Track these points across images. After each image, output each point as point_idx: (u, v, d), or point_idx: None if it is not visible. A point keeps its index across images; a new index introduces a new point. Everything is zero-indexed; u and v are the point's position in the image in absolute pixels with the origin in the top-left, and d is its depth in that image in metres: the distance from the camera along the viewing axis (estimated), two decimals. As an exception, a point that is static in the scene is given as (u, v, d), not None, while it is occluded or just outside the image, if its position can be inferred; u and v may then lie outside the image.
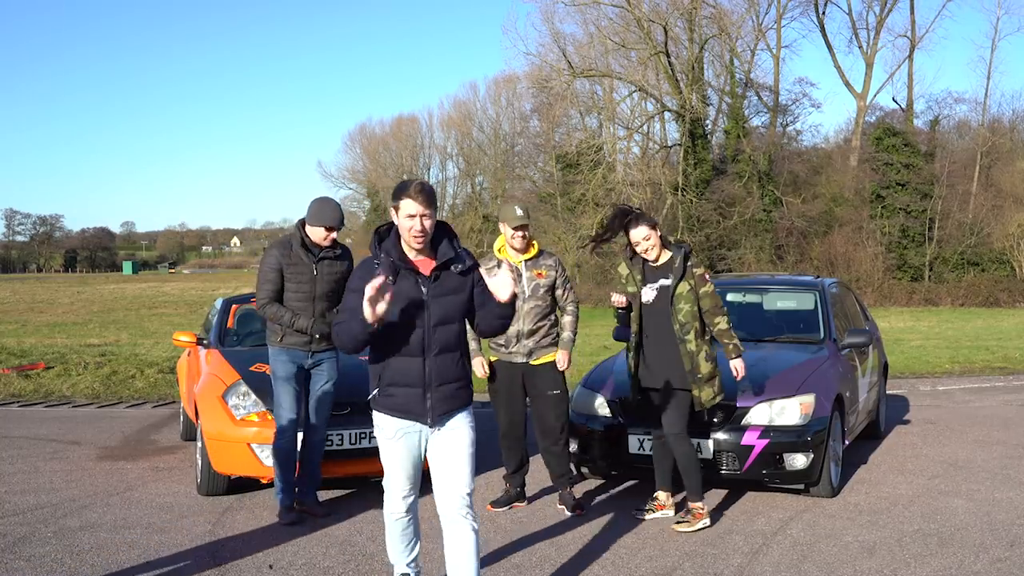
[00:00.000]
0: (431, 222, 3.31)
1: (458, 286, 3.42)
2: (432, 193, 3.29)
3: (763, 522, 5.26)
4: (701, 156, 34.24)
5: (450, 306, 3.38)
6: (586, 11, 34.32)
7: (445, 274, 3.40)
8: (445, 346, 3.38)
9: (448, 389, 3.41)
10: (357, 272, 3.40)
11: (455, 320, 3.42)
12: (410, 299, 3.32)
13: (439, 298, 3.36)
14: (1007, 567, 4.42)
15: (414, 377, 3.37)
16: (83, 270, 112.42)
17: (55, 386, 10.97)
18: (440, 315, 3.36)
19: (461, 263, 3.43)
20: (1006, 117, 39.30)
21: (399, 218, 3.32)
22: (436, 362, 3.37)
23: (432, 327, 3.35)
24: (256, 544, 4.84)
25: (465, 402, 3.50)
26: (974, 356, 14.51)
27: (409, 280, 3.34)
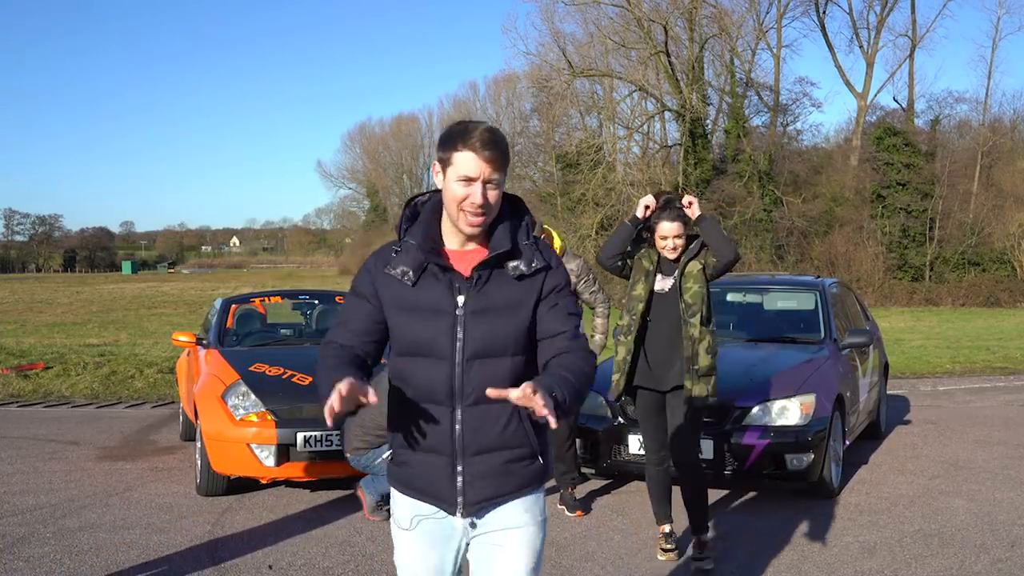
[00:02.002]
0: (498, 193, 2.12)
1: (514, 298, 2.15)
2: (506, 147, 2.11)
3: (764, 523, 5.25)
4: (701, 156, 34.23)
5: (498, 328, 2.13)
6: (586, 10, 34.33)
7: (495, 276, 2.15)
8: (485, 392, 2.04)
9: (492, 461, 2.15)
10: (365, 265, 2.25)
11: (505, 352, 2.14)
12: (436, 312, 2.14)
13: (480, 315, 2.12)
14: (1008, 567, 4.41)
15: (437, 437, 2.16)
16: (82, 270, 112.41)
17: (54, 386, 10.97)
18: (479, 342, 2.12)
19: (523, 261, 2.16)
20: (1007, 117, 39.27)
21: (446, 181, 2.10)
22: (471, 416, 2.13)
23: (465, 360, 2.12)
24: (255, 544, 4.83)
25: (524, 484, 2.20)
26: (975, 356, 14.50)
27: (437, 282, 2.15)
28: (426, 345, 2.15)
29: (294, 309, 8.69)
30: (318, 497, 5.86)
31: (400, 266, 2.17)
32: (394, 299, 2.18)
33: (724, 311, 7.74)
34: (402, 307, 2.17)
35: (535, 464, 2.22)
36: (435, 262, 2.15)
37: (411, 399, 2.18)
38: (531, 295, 2.17)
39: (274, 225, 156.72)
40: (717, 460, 5.47)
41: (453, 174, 2.09)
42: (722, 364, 5.94)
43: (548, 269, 2.19)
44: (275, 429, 5.55)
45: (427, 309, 2.15)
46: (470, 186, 2.08)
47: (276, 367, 6.12)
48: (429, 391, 2.15)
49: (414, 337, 2.16)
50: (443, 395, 2.14)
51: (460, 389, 2.14)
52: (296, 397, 5.77)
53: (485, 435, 2.16)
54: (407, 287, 2.16)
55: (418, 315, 2.15)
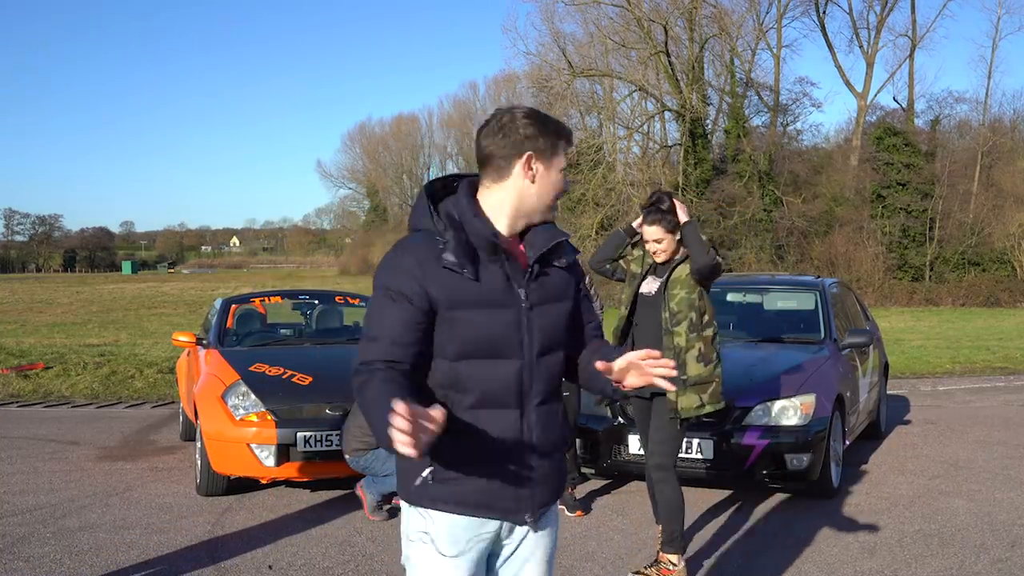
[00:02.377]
0: None
1: (562, 288, 2.12)
2: None
3: (764, 523, 5.25)
4: (701, 156, 34.23)
5: (557, 321, 2.08)
6: (586, 10, 34.33)
7: (546, 266, 2.08)
8: (550, 389, 2.07)
9: (552, 462, 2.11)
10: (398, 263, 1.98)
11: (561, 345, 2.12)
12: (501, 308, 1.99)
13: (541, 307, 2.04)
14: (1008, 568, 4.41)
15: (504, 444, 2.00)
16: (82, 270, 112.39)
17: (54, 386, 10.96)
18: (545, 336, 2.04)
19: (568, 253, 2.15)
20: (1007, 117, 39.27)
21: (549, 172, 2.05)
22: (540, 417, 2.04)
23: (536, 357, 2.03)
24: (255, 544, 4.83)
25: (563, 485, 2.20)
26: (975, 356, 14.50)
27: (495, 274, 1.99)
28: (494, 344, 1.98)
29: (294, 309, 8.69)
30: (318, 497, 5.86)
31: (456, 258, 1.96)
32: (453, 295, 1.95)
33: (724, 311, 7.74)
34: (463, 303, 1.96)
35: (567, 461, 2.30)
36: (501, 251, 2.00)
37: (469, 407, 1.99)
38: (572, 284, 2.14)
39: (274, 225, 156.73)
40: (717, 460, 5.47)
41: (558, 166, 2.05)
42: (723, 364, 5.95)
43: (577, 261, 2.21)
44: (275, 429, 5.55)
45: (491, 305, 1.98)
46: (562, 177, 2.08)
47: (276, 367, 6.11)
48: (496, 395, 2.00)
49: (481, 336, 1.97)
50: (512, 397, 2.01)
51: (529, 388, 2.03)
52: (296, 397, 5.76)
53: (549, 435, 2.08)
54: (468, 281, 1.96)
55: (483, 311, 1.97)
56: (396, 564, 4.46)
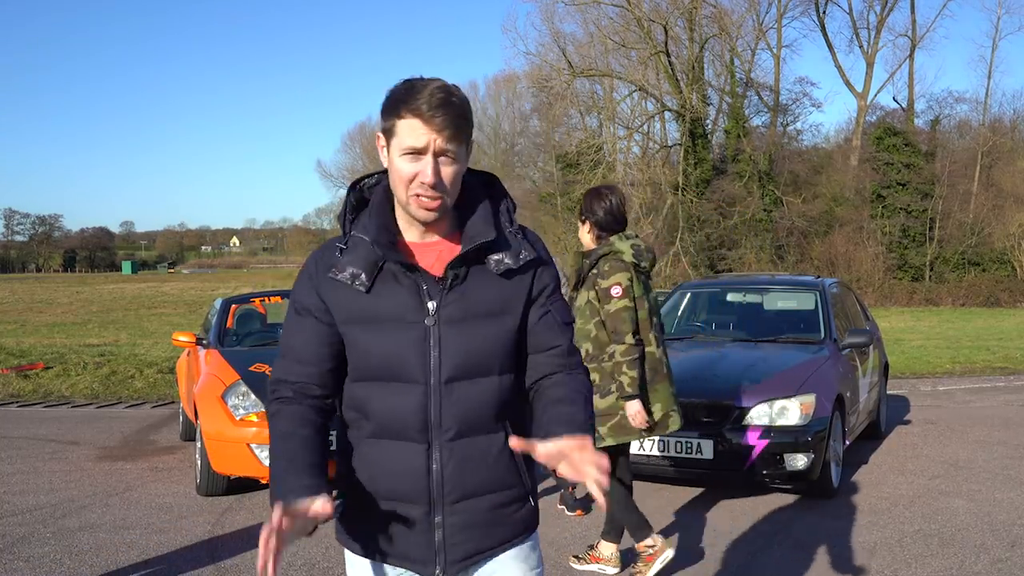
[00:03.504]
0: (457, 168, 1.70)
1: (499, 300, 1.76)
2: (464, 109, 1.69)
3: (764, 523, 5.25)
4: (701, 156, 34.24)
5: (481, 340, 1.73)
6: (586, 10, 34.34)
7: (474, 273, 1.75)
8: (470, 421, 1.74)
9: (477, 508, 1.76)
10: (304, 269, 1.79)
11: (491, 369, 1.75)
12: (401, 323, 1.71)
13: (459, 324, 1.72)
14: (1008, 568, 4.41)
15: (407, 483, 1.74)
16: (82, 270, 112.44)
17: (54, 386, 10.97)
18: (459, 358, 1.72)
19: (509, 252, 1.76)
20: (1007, 117, 39.29)
21: (390, 156, 1.70)
22: (453, 453, 1.74)
23: (443, 382, 1.72)
24: (255, 544, 4.82)
25: (516, 532, 1.83)
26: (975, 356, 14.50)
27: (399, 286, 1.73)
28: (390, 366, 1.71)
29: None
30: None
31: (349, 267, 1.72)
32: (345, 310, 1.72)
33: (724, 311, 7.76)
34: (356, 320, 1.72)
35: (526, 507, 1.83)
36: (394, 259, 1.70)
37: (369, 436, 1.76)
38: (520, 296, 1.77)
39: (274, 225, 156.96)
40: (717, 460, 5.47)
41: (397, 147, 1.67)
42: (723, 364, 5.95)
43: (539, 263, 1.79)
44: (275, 429, 5.54)
45: (388, 320, 1.71)
46: (418, 161, 1.66)
47: (276, 367, 6.11)
48: (396, 425, 1.72)
49: (374, 357, 1.71)
50: (415, 429, 1.72)
51: (437, 420, 1.71)
52: (296, 397, 5.76)
53: (469, 476, 1.74)
54: (359, 294, 1.71)
55: (377, 329, 1.71)
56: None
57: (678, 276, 30.48)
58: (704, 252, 33.09)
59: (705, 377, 5.80)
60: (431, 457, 1.73)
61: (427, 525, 1.75)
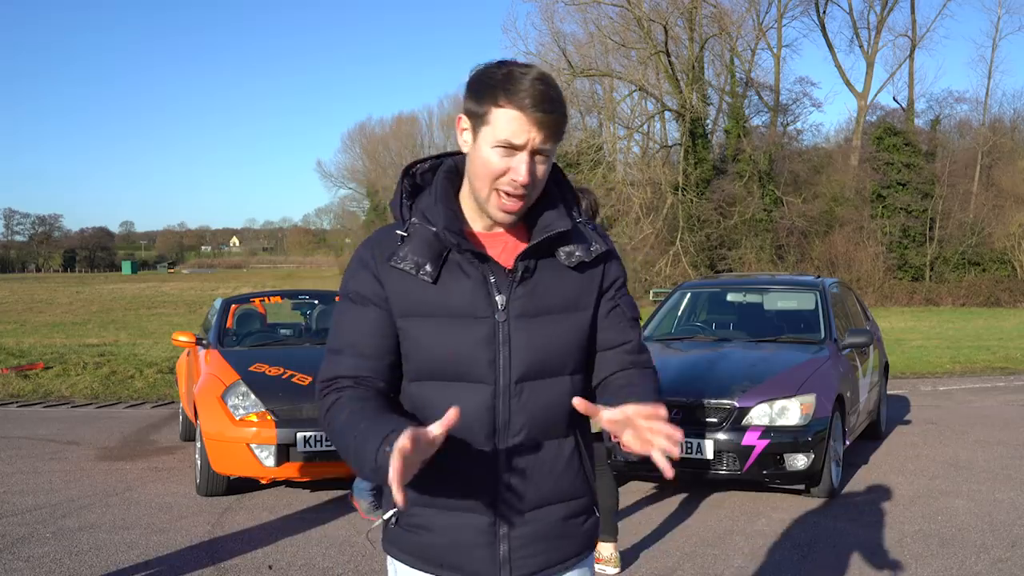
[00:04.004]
0: (547, 167, 1.58)
1: (572, 295, 1.64)
2: (563, 104, 1.55)
3: (764, 523, 5.24)
4: (701, 155, 34.24)
5: (554, 338, 1.62)
6: (586, 10, 34.34)
7: (544, 266, 1.63)
8: (540, 424, 1.60)
9: (546, 519, 1.64)
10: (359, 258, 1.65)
11: (563, 369, 1.63)
12: (468, 318, 1.59)
13: (530, 320, 1.60)
14: (1008, 568, 4.41)
15: (471, 491, 1.60)
16: (82, 270, 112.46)
17: (54, 386, 10.96)
18: (531, 357, 1.60)
19: (580, 245, 1.65)
20: (1007, 116, 39.37)
21: (477, 145, 1.56)
22: (521, 458, 1.61)
23: (513, 382, 1.59)
24: (255, 544, 4.83)
25: (582, 547, 1.70)
26: (975, 356, 14.50)
27: (466, 277, 1.59)
28: (455, 365, 1.57)
29: (294, 309, 8.69)
30: (318, 497, 5.86)
31: (413, 256, 1.58)
32: (406, 302, 1.59)
33: (724, 311, 7.75)
34: (418, 313, 1.58)
35: (592, 519, 1.71)
36: (466, 248, 1.57)
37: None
38: (592, 290, 1.65)
39: (274, 225, 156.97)
40: (717, 460, 5.46)
41: (490, 137, 1.52)
42: (723, 364, 5.95)
43: (609, 256, 1.69)
44: (275, 429, 5.55)
45: (455, 315, 1.57)
46: (512, 157, 1.52)
47: (276, 367, 6.11)
48: (460, 429, 1.51)
49: (437, 354, 1.58)
50: (481, 432, 1.57)
51: (505, 423, 1.58)
52: (296, 397, 5.76)
53: (538, 484, 1.61)
54: (425, 285, 1.58)
55: (442, 323, 1.58)
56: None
57: (678, 276, 30.48)
58: (704, 252, 33.09)
59: (705, 377, 5.80)
60: (498, 463, 1.59)
61: (491, 537, 1.60)
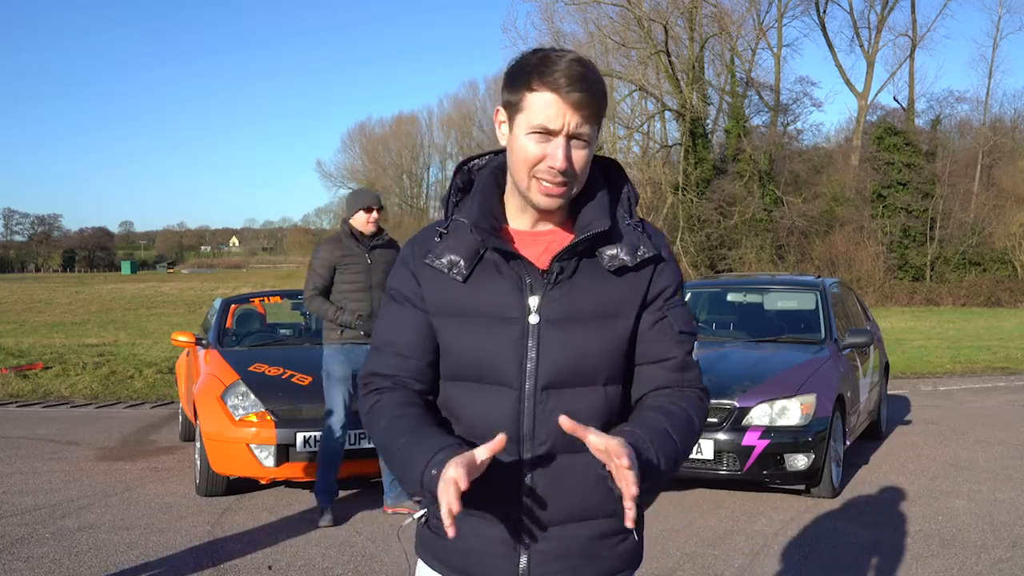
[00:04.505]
0: (587, 152, 1.51)
1: (611, 301, 1.55)
2: (600, 85, 1.49)
3: (764, 523, 5.24)
4: (701, 155, 34.24)
5: (587, 344, 1.53)
6: (586, 10, 34.36)
7: (584, 269, 1.54)
8: (568, 436, 1.42)
9: (571, 537, 1.55)
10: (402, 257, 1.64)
11: (595, 378, 1.54)
12: (499, 319, 1.53)
13: (562, 324, 1.52)
14: (1009, 568, 4.40)
15: (495, 497, 1.52)
16: (81, 270, 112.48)
17: (53, 386, 10.95)
18: (560, 363, 1.52)
19: (625, 247, 1.55)
20: (1008, 116, 39.40)
21: (513, 134, 1.51)
22: (547, 469, 1.53)
23: (539, 388, 1.52)
24: (255, 545, 4.82)
25: (615, 569, 1.60)
26: (975, 356, 14.49)
27: (500, 277, 1.54)
28: (482, 366, 1.53)
29: (293, 309, 8.68)
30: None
31: (447, 254, 1.55)
32: (438, 301, 1.56)
33: (724, 311, 7.75)
34: (449, 312, 1.55)
35: (628, 541, 1.60)
36: (496, 247, 1.51)
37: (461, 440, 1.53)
38: (635, 298, 1.55)
39: (273, 225, 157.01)
40: (717, 460, 5.46)
41: (524, 123, 1.47)
42: (723, 364, 5.95)
43: (659, 261, 1.57)
44: (275, 429, 5.54)
45: (484, 315, 1.53)
46: (548, 142, 1.47)
47: (276, 367, 6.11)
48: (485, 432, 1.48)
49: (466, 355, 1.54)
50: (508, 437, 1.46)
51: (530, 431, 1.51)
52: (296, 397, 5.75)
53: (564, 497, 1.53)
54: (455, 283, 1.54)
55: (472, 323, 1.53)
56: (396, 564, 4.45)
57: (678, 276, 30.42)
58: (704, 252, 33.09)
59: (705, 377, 5.78)
60: (521, 472, 1.52)
61: (511, 548, 1.54)
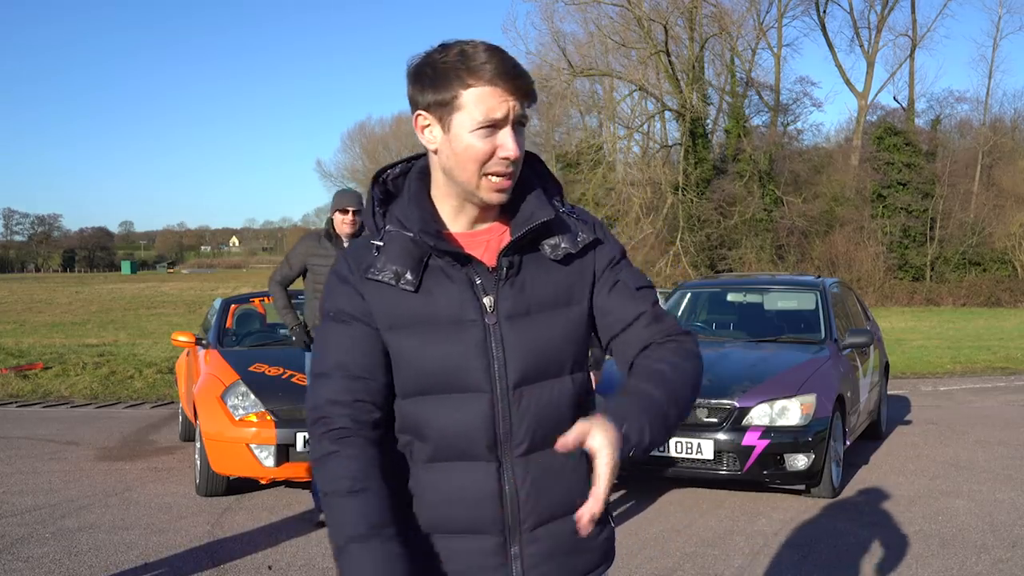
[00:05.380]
0: (523, 138, 1.47)
1: (563, 289, 1.52)
2: (527, 76, 1.44)
3: (764, 523, 5.24)
4: (702, 155, 34.23)
5: (549, 336, 1.49)
6: (586, 10, 34.33)
7: (530, 261, 1.51)
8: (545, 431, 1.48)
9: (559, 533, 1.51)
10: (337, 273, 1.53)
11: (562, 368, 1.51)
12: (458, 324, 1.47)
13: (522, 320, 1.48)
14: (1009, 568, 4.40)
15: (478, 510, 1.49)
16: (81, 270, 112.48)
17: (53, 386, 10.95)
18: (527, 359, 1.48)
19: (566, 236, 1.52)
20: (1008, 116, 39.35)
21: (451, 135, 1.43)
22: (528, 470, 1.49)
23: (511, 388, 1.47)
24: (255, 545, 4.82)
25: (598, 562, 1.58)
26: (975, 356, 14.49)
27: (450, 282, 1.48)
28: (448, 375, 1.46)
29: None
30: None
31: (390, 266, 1.47)
32: (389, 315, 1.47)
33: (724, 311, 7.75)
34: (403, 324, 1.47)
35: (607, 529, 1.59)
36: (444, 250, 1.45)
37: (427, 460, 1.49)
38: (583, 282, 1.52)
39: (273, 225, 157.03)
40: (717, 460, 5.46)
41: (467, 121, 1.40)
42: (723, 364, 5.96)
43: (598, 244, 1.55)
44: (275, 429, 5.54)
45: (442, 322, 1.46)
46: (496, 135, 1.40)
47: (276, 367, 6.11)
48: (460, 443, 1.46)
49: (430, 366, 1.46)
50: (482, 445, 1.46)
51: (507, 433, 1.46)
52: (296, 397, 5.75)
53: (548, 496, 1.49)
54: (406, 295, 1.46)
55: (431, 332, 1.46)
56: None
57: (678, 276, 30.47)
58: (704, 252, 33.08)
59: (705, 377, 5.78)
60: (503, 477, 1.47)
61: (502, 558, 1.48)
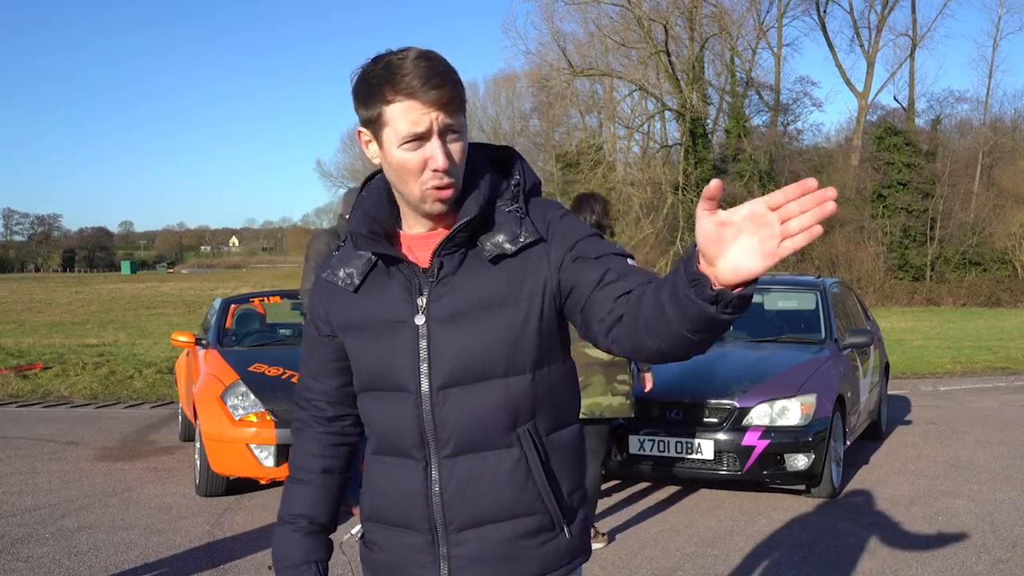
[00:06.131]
0: (463, 142, 1.45)
1: (497, 290, 1.46)
2: (451, 73, 1.42)
3: (764, 523, 5.23)
4: (702, 155, 34.23)
5: (478, 338, 1.46)
6: (586, 10, 34.33)
7: (469, 261, 1.48)
8: (472, 434, 1.47)
9: (491, 538, 1.50)
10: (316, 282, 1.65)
11: (493, 371, 1.46)
12: (391, 324, 1.50)
13: (450, 321, 1.47)
14: (1009, 568, 4.40)
15: (409, 507, 1.53)
16: (81, 270, 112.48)
17: (53, 386, 10.95)
18: (453, 360, 1.46)
19: (505, 234, 1.47)
20: (1008, 116, 39.37)
21: (385, 151, 1.45)
22: (453, 472, 1.49)
23: (436, 389, 1.47)
24: (255, 545, 4.82)
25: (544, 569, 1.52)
26: (976, 356, 14.49)
27: (389, 282, 1.51)
28: (381, 373, 1.51)
29: (293, 309, 8.68)
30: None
31: (342, 267, 1.54)
32: (340, 315, 1.56)
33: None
34: (348, 324, 1.54)
35: (557, 539, 1.52)
36: (372, 250, 1.49)
37: (373, 452, 1.59)
38: (528, 283, 1.46)
39: (273, 225, 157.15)
40: (717, 460, 5.46)
41: (393, 137, 1.40)
42: (723, 364, 5.95)
43: (540, 241, 1.47)
44: (274, 429, 5.54)
45: (377, 322, 1.50)
46: (421, 147, 1.40)
47: (275, 367, 6.11)
48: (393, 440, 1.52)
49: (368, 365, 1.53)
50: (411, 444, 1.49)
51: (433, 433, 1.47)
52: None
53: (475, 500, 1.48)
54: (349, 295, 1.54)
55: (368, 332, 1.51)
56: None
57: (678, 276, 30.43)
58: (704, 252, 33.01)
59: (705, 377, 5.79)
60: (429, 477, 1.49)
61: (432, 557, 1.52)
